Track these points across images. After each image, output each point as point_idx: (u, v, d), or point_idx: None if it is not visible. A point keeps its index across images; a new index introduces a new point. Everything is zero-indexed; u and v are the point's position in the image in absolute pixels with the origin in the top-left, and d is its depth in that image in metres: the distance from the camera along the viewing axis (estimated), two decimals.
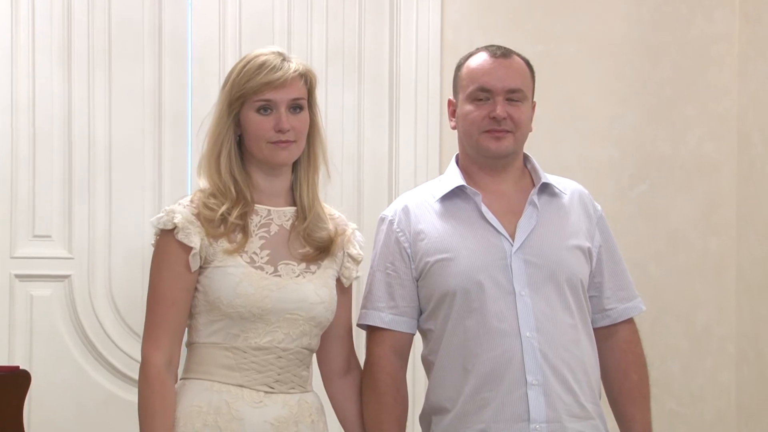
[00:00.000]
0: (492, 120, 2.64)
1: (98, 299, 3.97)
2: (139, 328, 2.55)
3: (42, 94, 3.94)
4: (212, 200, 2.51)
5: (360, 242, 2.67)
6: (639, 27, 4.28)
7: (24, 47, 3.93)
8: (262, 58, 2.53)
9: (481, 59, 2.69)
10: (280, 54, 2.55)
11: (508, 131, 2.65)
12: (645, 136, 4.28)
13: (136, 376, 2.54)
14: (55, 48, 3.95)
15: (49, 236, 3.95)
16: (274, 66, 2.52)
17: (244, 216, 2.52)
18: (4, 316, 3.89)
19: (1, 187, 3.90)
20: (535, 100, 2.74)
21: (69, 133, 3.96)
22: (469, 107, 2.67)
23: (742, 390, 4.24)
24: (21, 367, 3.40)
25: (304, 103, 2.56)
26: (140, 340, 2.53)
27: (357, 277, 2.68)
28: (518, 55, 2.72)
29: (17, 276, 3.91)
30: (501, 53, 2.69)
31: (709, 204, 4.30)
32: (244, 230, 2.52)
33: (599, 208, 2.78)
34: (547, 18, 4.22)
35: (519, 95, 2.66)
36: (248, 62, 2.54)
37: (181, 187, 3.96)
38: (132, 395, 3.66)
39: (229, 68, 4.02)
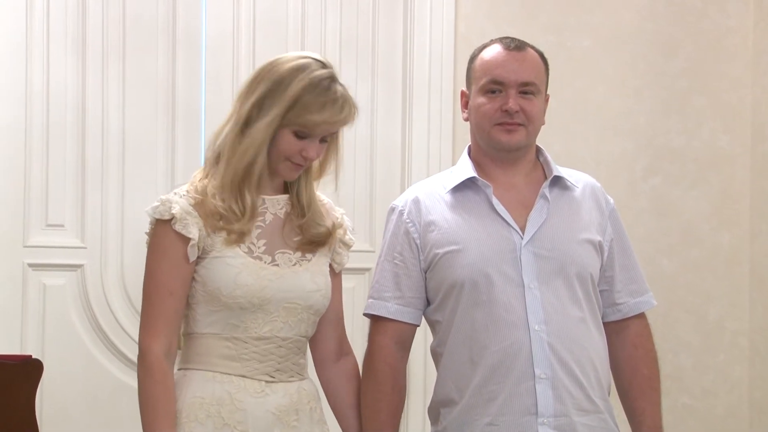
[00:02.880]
0: (504, 113, 2.63)
1: (111, 289, 3.98)
2: None
3: (56, 86, 3.94)
4: (221, 203, 2.48)
5: (349, 227, 2.66)
6: (652, 19, 4.26)
7: (38, 39, 3.93)
8: (326, 83, 2.46)
9: (494, 51, 2.68)
10: (334, 78, 2.48)
11: (520, 124, 2.64)
12: (658, 128, 4.26)
13: None
14: (69, 39, 3.95)
15: (62, 225, 3.95)
16: (342, 107, 2.46)
17: None
18: (17, 305, 3.90)
19: (14, 176, 3.91)
20: (548, 93, 2.74)
21: (83, 123, 3.96)
22: (481, 99, 2.66)
23: (755, 385, 4.23)
24: (33, 356, 3.41)
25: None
26: None
27: (360, 268, 2.68)
28: (532, 47, 2.70)
29: (30, 265, 3.92)
30: (515, 46, 2.67)
31: (722, 197, 4.29)
32: None
33: (611, 201, 2.77)
34: (560, 10, 4.21)
35: (532, 88, 2.65)
36: (313, 84, 2.45)
37: None
38: None
39: (242, 60, 4.08)
